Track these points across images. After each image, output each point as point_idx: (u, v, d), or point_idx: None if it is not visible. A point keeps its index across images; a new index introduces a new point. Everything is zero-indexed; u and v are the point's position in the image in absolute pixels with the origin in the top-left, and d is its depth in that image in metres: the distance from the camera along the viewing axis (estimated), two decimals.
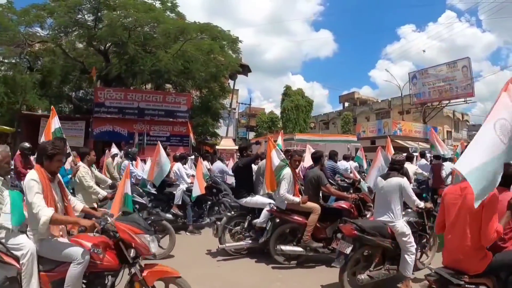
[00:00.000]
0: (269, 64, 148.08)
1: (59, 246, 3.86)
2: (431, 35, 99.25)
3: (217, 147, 27.44)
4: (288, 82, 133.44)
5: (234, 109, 36.63)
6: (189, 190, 9.78)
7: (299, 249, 6.92)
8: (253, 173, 8.66)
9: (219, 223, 7.54)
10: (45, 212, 3.68)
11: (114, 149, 13.05)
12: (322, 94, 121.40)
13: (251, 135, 50.93)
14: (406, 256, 5.48)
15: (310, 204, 6.98)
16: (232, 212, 7.93)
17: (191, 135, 18.25)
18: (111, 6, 21.46)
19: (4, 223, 3.79)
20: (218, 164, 13.40)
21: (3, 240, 3.81)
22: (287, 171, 7.13)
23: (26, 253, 3.68)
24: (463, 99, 36.60)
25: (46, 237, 3.88)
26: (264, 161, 8.13)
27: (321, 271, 6.75)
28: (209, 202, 10.23)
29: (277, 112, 53.31)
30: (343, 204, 7.51)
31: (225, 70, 24.38)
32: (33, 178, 3.83)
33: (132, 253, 4.06)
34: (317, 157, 7.89)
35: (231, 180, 12.68)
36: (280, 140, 11.30)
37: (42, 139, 8.51)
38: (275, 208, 7.22)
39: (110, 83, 22.83)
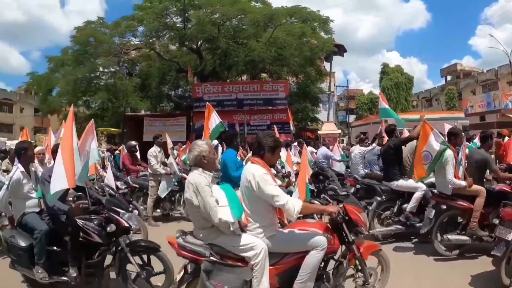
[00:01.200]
0: (361, 43, 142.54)
1: (296, 237, 3.82)
2: None
3: (319, 132, 26.28)
4: (383, 60, 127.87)
5: (333, 92, 35.42)
6: None
7: (465, 238, 6.18)
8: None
9: (370, 208, 7.23)
10: (295, 202, 3.66)
11: (215, 141, 12.86)
12: (420, 69, 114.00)
13: (351, 118, 48.99)
14: None
15: (476, 187, 6.19)
16: (383, 197, 7.41)
17: (291, 122, 17.79)
18: (196, 6, 22.38)
19: (225, 217, 3.52)
20: (322, 150, 12.56)
21: (223, 244, 3.65)
22: (449, 153, 6.26)
23: (259, 252, 3.54)
24: None
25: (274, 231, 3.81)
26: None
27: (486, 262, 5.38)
28: (315, 190, 9.57)
29: (376, 92, 50.30)
30: (505, 187, 6.49)
31: (320, 52, 23.55)
32: (264, 172, 3.72)
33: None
34: (485, 137, 6.85)
35: (336, 166, 12.23)
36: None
37: (203, 137, 9.22)
38: (438, 193, 6.51)
39: (206, 79, 23.21)
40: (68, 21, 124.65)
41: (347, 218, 3.93)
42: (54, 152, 5.67)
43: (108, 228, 4.72)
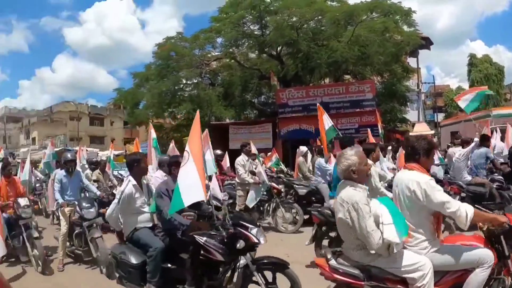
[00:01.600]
0: (442, 35, 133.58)
1: (461, 252, 3.31)
2: None
3: (410, 134, 24.66)
4: (467, 51, 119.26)
5: (420, 90, 33.50)
6: None
7: None
8: None
9: None
10: (468, 207, 3.22)
11: (303, 148, 12.33)
12: (509, 57, 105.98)
13: (440, 116, 45.56)
14: None
15: None
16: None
17: (379, 124, 16.85)
18: (272, 11, 21.93)
19: (390, 237, 3.09)
20: None
21: (382, 265, 3.23)
22: None
23: (427, 273, 3.12)
24: None
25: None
26: None
27: None
28: None
29: (465, 86, 46.46)
30: None
31: (407, 46, 22.09)
32: (429, 178, 3.36)
33: None
34: None
35: (434, 170, 11.10)
36: None
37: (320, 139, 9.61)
38: None
39: (288, 84, 22.85)
40: (149, 40, 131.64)
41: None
42: (170, 164, 5.47)
43: (238, 245, 4.28)
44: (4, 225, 6.91)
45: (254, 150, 12.87)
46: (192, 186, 4.35)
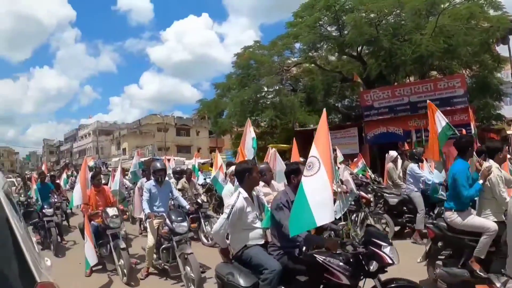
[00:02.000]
0: None
1: None
2: None
3: (508, 132, 22.43)
4: None
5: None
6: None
7: None
8: None
9: None
10: None
11: (393, 152, 11.60)
12: None
13: None
14: None
15: None
16: None
17: (472, 123, 15.49)
18: (348, 10, 21.13)
19: None
20: None
21: None
22: None
23: None
24: None
25: None
26: None
27: None
28: None
29: None
30: None
31: (496, 32, 19.56)
32: None
33: None
34: None
35: None
36: None
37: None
38: None
39: (372, 84, 21.86)
40: (228, 52, 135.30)
41: None
42: (290, 173, 4.65)
43: (371, 267, 3.70)
44: (92, 233, 7.22)
45: (339, 156, 12.44)
46: (324, 202, 3.63)
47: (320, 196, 3.62)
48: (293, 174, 4.50)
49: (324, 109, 4.41)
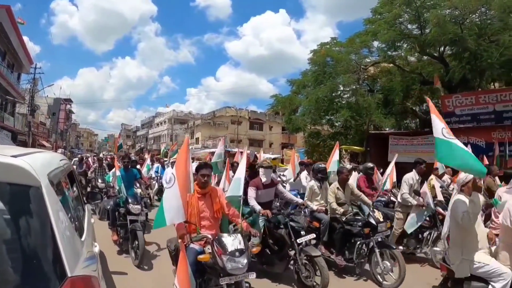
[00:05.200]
0: None
1: None
2: None
3: None
4: None
5: None
6: None
7: None
8: None
9: None
10: None
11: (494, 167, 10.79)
12: None
13: None
14: None
15: None
16: None
17: None
18: (429, 6, 19.89)
19: None
20: None
21: None
22: None
23: None
24: None
25: None
26: None
27: None
28: None
29: None
30: None
31: None
32: None
33: None
34: None
35: None
36: None
37: None
38: None
39: (454, 89, 20.48)
40: (306, 49, 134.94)
41: None
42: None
43: None
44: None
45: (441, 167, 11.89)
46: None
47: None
48: None
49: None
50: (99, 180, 13.53)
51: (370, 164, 11.18)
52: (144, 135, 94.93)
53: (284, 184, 15.78)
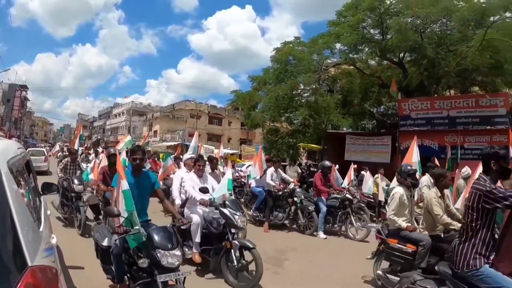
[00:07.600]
0: None
1: None
2: None
3: None
4: None
5: None
6: None
7: None
8: None
9: None
10: None
11: (465, 169, 11.20)
12: None
13: None
14: None
15: None
16: None
17: (511, 146, 14.70)
18: (393, 13, 20.58)
19: None
20: None
21: None
22: None
23: None
24: None
25: None
26: None
27: None
28: None
29: None
30: None
31: None
32: None
33: None
34: None
35: None
36: None
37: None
38: None
39: (411, 94, 21.01)
40: (269, 47, 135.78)
41: None
42: None
43: None
44: None
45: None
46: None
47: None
48: None
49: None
50: (75, 182, 9.66)
51: (327, 163, 11.47)
52: (101, 126, 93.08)
53: (243, 181, 15.74)
